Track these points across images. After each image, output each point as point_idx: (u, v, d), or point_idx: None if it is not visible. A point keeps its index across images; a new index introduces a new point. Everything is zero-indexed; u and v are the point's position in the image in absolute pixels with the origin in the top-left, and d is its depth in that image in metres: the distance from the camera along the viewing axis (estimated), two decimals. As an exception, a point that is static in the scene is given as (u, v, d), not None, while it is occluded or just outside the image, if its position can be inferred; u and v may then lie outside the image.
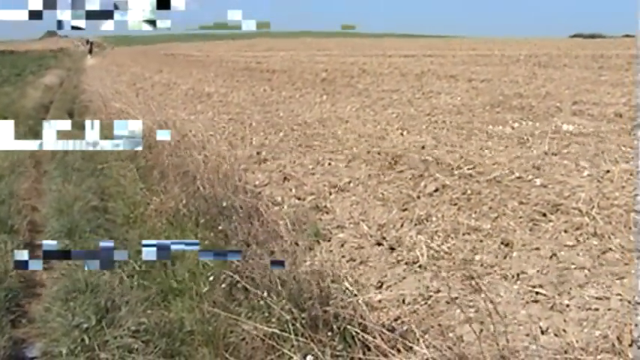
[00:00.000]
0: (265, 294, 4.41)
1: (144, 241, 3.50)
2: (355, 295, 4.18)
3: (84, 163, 9.74)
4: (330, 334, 3.95)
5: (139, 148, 3.52)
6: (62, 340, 4.48)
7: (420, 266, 5.05)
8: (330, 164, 8.45)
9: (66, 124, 3.41)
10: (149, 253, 3.40)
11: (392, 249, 5.49)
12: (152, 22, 3.26)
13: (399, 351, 3.65)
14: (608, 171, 6.99)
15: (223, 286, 4.87)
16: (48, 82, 28.53)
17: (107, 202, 7.83)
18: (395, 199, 6.67)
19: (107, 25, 3.26)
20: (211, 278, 4.99)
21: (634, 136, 9.05)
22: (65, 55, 60.77)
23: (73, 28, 3.24)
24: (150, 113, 11.51)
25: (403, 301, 4.51)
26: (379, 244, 5.63)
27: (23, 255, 3.58)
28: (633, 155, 7.71)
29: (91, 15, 3.23)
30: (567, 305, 4.23)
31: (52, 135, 3.35)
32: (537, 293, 4.43)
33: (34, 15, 3.21)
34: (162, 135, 5.88)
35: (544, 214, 5.82)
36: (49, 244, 3.58)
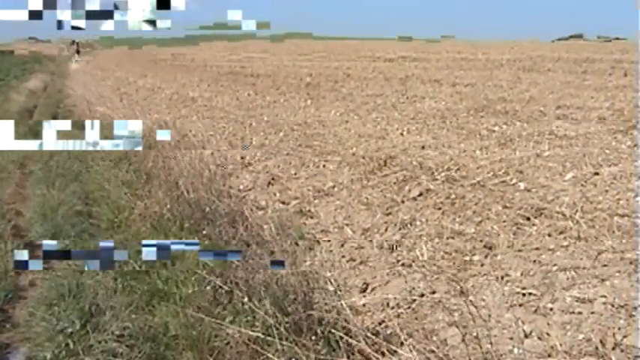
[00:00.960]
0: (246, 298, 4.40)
1: (144, 241, 3.51)
2: (340, 298, 4.19)
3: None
4: (314, 338, 3.95)
5: (139, 148, 3.52)
6: (46, 345, 4.46)
7: (409, 266, 5.06)
8: (323, 166, 8.43)
9: (66, 125, 3.42)
10: (149, 253, 3.40)
11: (391, 249, 5.50)
12: (152, 22, 3.26)
13: (383, 354, 3.66)
14: (596, 173, 7.01)
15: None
16: (32, 86, 28.41)
17: (92, 207, 7.80)
18: (379, 203, 6.67)
19: (107, 25, 3.26)
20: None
21: (630, 138, 9.08)
22: (50, 60, 60.19)
23: (73, 28, 3.24)
24: (134, 117, 11.49)
25: (387, 304, 4.51)
26: (381, 247, 5.64)
27: (23, 255, 3.56)
28: (617, 159, 7.74)
29: (91, 15, 3.23)
30: (551, 309, 4.24)
31: (52, 135, 3.35)
32: (522, 296, 4.44)
33: (34, 15, 3.21)
34: (163, 135, 5.83)
35: (528, 218, 5.83)
36: (49, 244, 3.57)
